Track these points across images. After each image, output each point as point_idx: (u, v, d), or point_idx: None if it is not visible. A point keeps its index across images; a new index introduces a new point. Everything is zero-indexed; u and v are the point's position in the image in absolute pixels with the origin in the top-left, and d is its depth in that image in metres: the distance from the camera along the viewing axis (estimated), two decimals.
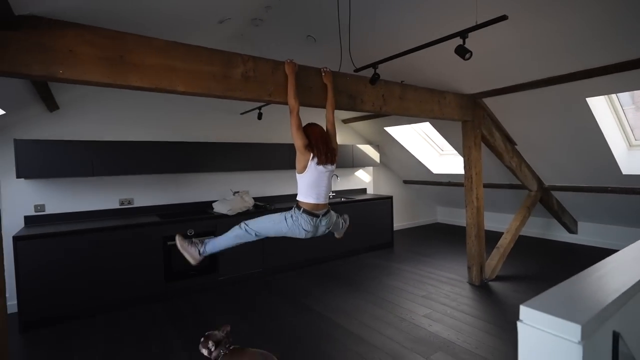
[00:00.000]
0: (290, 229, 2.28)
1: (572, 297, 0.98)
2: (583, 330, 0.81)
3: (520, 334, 0.93)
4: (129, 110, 4.02)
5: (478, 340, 2.65)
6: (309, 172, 2.22)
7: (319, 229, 2.33)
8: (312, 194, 2.23)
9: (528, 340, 0.93)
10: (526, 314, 0.94)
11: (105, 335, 2.90)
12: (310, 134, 2.30)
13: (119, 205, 3.96)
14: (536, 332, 0.91)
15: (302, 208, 2.24)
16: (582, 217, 5.19)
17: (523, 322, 0.93)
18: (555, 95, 3.34)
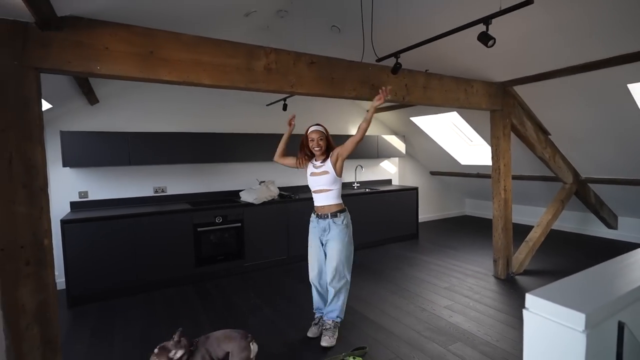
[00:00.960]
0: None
1: (581, 288, 0.97)
2: (587, 319, 0.82)
3: (526, 321, 0.95)
4: (162, 103, 4.23)
5: (499, 333, 2.62)
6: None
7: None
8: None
9: (533, 328, 0.94)
10: (532, 302, 0.95)
11: (142, 312, 3.13)
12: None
13: (154, 193, 4.20)
14: (541, 320, 0.92)
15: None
16: (622, 212, 4.90)
17: (529, 310, 0.95)
18: (593, 81, 3.16)
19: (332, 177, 2.50)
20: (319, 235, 2.57)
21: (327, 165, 2.52)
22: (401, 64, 2.54)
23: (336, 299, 2.53)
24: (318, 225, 2.57)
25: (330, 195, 2.53)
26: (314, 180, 2.56)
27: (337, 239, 2.49)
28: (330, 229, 2.51)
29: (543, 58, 3.09)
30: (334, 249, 2.48)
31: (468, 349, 2.41)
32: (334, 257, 2.48)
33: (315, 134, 2.52)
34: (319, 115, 5.38)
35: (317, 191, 2.56)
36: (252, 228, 4.13)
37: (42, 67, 1.71)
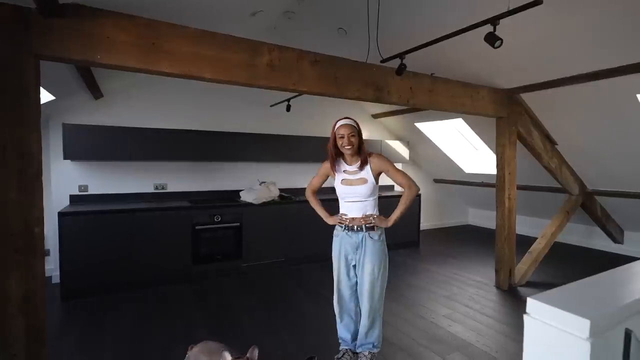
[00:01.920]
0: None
1: (585, 294, 0.92)
2: (592, 326, 0.77)
3: (527, 327, 0.90)
4: (166, 101, 4.23)
5: (499, 344, 2.54)
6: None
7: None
8: None
9: (534, 334, 0.89)
10: (533, 307, 0.89)
11: (136, 308, 3.09)
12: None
13: (154, 190, 4.18)
14: (543, 326, 0.87)
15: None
16: (629, 226, 4.79)
17: (530, 315, 0.89)
18: (602, 90, 3.10)
19: (371, 186, 2.09)
20: (349, 252, 2.14)
21: (365, 171, 2.11)
22: (406, 65, 2.50)
23: (374, 328, 2.15)
24: (348, 240, 2.13)
25: (367, 205, 2.11)
26: (348, 190, 2.12)
27: (375, 257, 2.07)
28: (365, 246, 2.08)
29: (552, 65, 3.04)
30: (370, 271, 2.07)
31: (466, 359, 2.33)
32: (370, 282, 2.07)
33: (345, 129, 2.06)
34: (322, 117, 5.36)
35: (351, 201, 2.12)
36: (250, 228, 4.09)
37: (42, 54, 1.69)
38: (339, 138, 2.10)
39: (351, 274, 2.18)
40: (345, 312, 2.22)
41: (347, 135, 2.06)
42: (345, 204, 2.18)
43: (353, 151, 2.10)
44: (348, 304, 2.21)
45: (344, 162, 2.19)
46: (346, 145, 2.07)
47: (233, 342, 2.51)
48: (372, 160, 2.13)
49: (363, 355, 2.16)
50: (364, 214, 2.11)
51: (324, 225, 4.49)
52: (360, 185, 2.10)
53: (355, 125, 2.10)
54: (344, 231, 2.16)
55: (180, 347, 2.42)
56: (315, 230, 4.49)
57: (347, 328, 2.24)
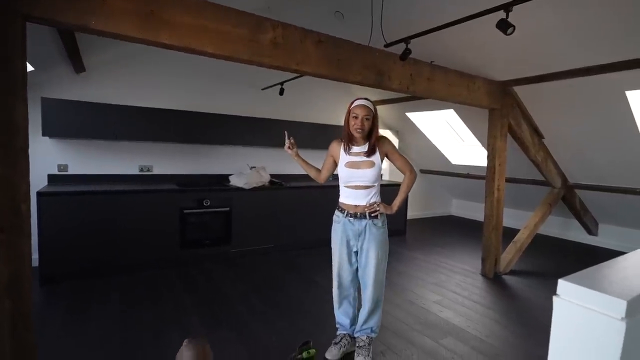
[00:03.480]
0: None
1: (620, 275, 0.92)
2: (629, 306, 0.77)
3: (556, 309, 0.89)
4: (152, 78, 4.03)
5: (488, 329, 2.61)
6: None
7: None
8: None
9: (564, 316, 0.88)
10: (564, 288, 0.89)
11: (121, 294, 2.97)
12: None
13: (139, 172, 4.01)
14: (574, 307, 0.86)
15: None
16: (604, 219, 5.03)
17: (560, 296, 0.89)
18: (592, 86, 3.19)
19: (378, 170, 2.04)
20: (350, 239, 2.09)
21: (375, 156, 2.03)
22: (411, 50, 2.47)
23: (374, 314, 2.14)
24: (350, 227, 2.07)
25: (372, 192, 2.05)
26: (354, 174, 2.03)
27: (378, 244, 2.04)
28: (369, 233, 2.04)
29: (546, 59, 3.09)
30: (375, 257, 2.04)
31: (459, 344, 2.39)
32: (375, 267, 2.05)
33: (361, 109, 1.96)
34: (315, 103, 5.29)
35: (355, 187, 2.05)
36: (240, 214, 4.01)
37: (31, 14, 1.54)
38: (352, 117, 2.01)
39: (352, 260, 2.14)
40: (345, 298, 2.20)
41: (361, 116, 1.97)
42: (347, 190, 2.09)
43: (363, 135, 2.03)
44: (348, 290, 2.19)
45: (351, 145, 2.09)
46: (358, 127, 1.98)
47: (226, 329, 2.47)
48: (381, 144, 2.07)
49: (361, 339, 2.15)
50: (368, 201, 2.05)
51: (313, 212, 4.51)
52: (367, 168, 2.03)
53: (372, 109, 2.01)
54: (346, 217, 2.09)
55: (172, 334, 2.36)
56: (305, 217, 4.47)
57: (345, 314, 2.22)
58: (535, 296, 3.27)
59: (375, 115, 2.03)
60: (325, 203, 4.62)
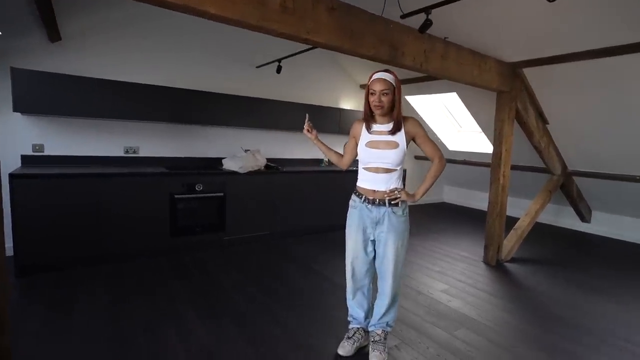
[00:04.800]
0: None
1: None
2: None
3: None
4: (139, 51, 3.68)
5: (499, 319, 2.52)
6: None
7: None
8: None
9: None
10: None
11: (108, 286, 2.73)
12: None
13: (124, 153, 3.71)
14: None
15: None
16: (597, 206, 5.05)
17: None
18: (604, 69, 3.08)
19: (402, 153, 1.82)
20: (367, 226, 1.91)
21: (399, 135, 1.82)
22: (432, 22, 2.26)
23: (392, 307, 2.00)
24: (368, 214, 1.89)
25: (393, 176, 1.85)
26: (374, 154, 1.84)
27: (397, 234, 1.85)
28: (387, 221, 1.85)
29: (562, 39, 2.94)
30: (393, 247, 1.86)
31: (473, 335, 2.29)
32: (394, 259, 1.88)
33: (379, 84, 1.76)
34: (311, 84, 5.04)
35: (375, 169, 1.86)
36: (235, 199, 3.78)
37: None
38: (370, 94, 1.82)
39: (368, 250, 1.96)
40: (359, 290, 2.04)
41: (378, 92, 1.78)
42: (366, 173, 1.90)
43: (383, 112, 1.82)
44: (362, 281, 2.02)
45: (373, 123, 1.89)
46: (376, 103, 1.80)
47: (226, 321, 2.29)
48: (408, 124, 1.86)
49: (376, 333, 2.00)
50: (388, 187, 1.86)
51: (311, 198, 4.32)
52: (390, 149, 1.82)
53: (392, 82, 1.79)
54: (363, 203, 1.90)
55: (167, 329, 2.16)
56: (302, 204, 4.29)
57: (359, 306, 2.06)
58: (539, 283, 3.22)
59: (396, 88, 1.81)
60: (323, 189, 4.44)
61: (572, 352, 2.16)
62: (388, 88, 1.78)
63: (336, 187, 4.51)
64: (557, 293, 3.03)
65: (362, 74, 5.28)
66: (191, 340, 2.06)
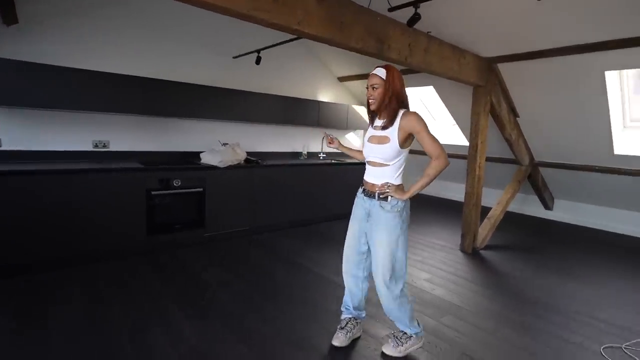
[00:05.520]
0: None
1: None
2: None
3: None
4: (107, 37, 3.44)
5: (481, 305, 2.65)
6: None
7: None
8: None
9: None
10: None
11: (83, 289, 2.57)
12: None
13: (93, 148, 3.47)
14: None
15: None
16: (559, 195, 5.40)
17: None
18: (574, 65, 3.26)
19: (392, 148, 1.79)
20: (361, 217, 1.94)
21: (391, 130, 1.79)
22: (420, 16, 2.28)
23: (397, 310, 1.92)
24: (362, 205, 1.93)
25: (386, 172, 1.84)
26: (369, 149, 1.89)
27: (385, 229, 1.83)
28: (375, 214, 1.86)
29: (535, 36, 3.09)
30: (379, 241, 1.85)
31: (458, 321, 2.38)
32: (379, 253, 1.86)
33: (370, 79, 1.80)
34: (290, 76, 4.97)
35: (372, 163, 1.90)
36: (214, 194, 3.67)
37: None
38: (368, 89, 1.84)
39: (361, 240, 1.97)
40: (350, 277, 2.05)
41: (370, 86, 1.81)
42: (367, 166, 1.95)
43: (376, 106, 1.82)
44: (353, 270, 2.03)
45: (376, 119, 1.91)
46: (369, 98, 1.82)
47: (214, 320, 2.23)
48: (403, 119, 1.78)
49: (396, 328, 2.03)
50: (381, 181, 1.85)
51: (291, 191, 4.28)
52: (381, 144, 1.81)
53: (383, 76, 1.78)
54: (362, 194, 1.96)
55: (153, 330, 2.08)
56: (283, 197, 4.25)
57: (349, 293, 2.08)
58: (513, 269, 3.41)
59: (386, 82, 1.77)
60: (304, 182, 4.42)
61: (546, 330, 2.32)
62: (377, 82, 1.79)
63: (317, 180, 4.51)
64: (529, 277, 3.22)
65: (340, 67, 5.26)
66: (181, 342, 1.99)
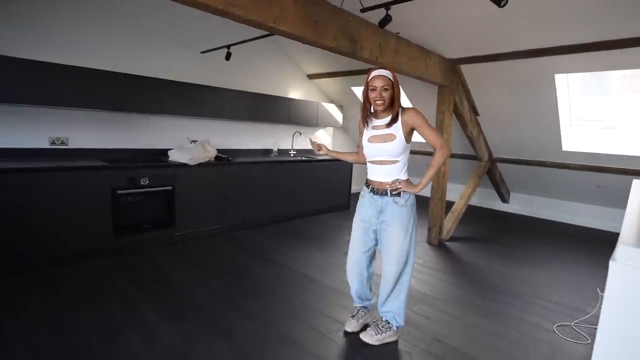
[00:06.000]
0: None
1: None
2: None
3: (612, 273, 0.92)
4: (63, 27, 3.23)
5: (449, 293, 2.82)
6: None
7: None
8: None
9: (621, 278, 0.91)
10: (623, 253, 0.93)
11: (45, 295, 2.42)
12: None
13: (49, 145, 3.26)
14: (633, 269, 0.90)
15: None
16: (515, 188, 5.80)
17: (617, 260, 0.92)
18: (528, 68, 3.51)
19: (400, 144, 1.87)
20: (371, 215, 2.00)
21: (395, 127, 1.87)
22: (391, 17, 2.36)
23: (395, 296, 2.06)
24: (372, 203, 1.98)
25: (395, 168, 1.92)
26: (375, 149, 1.94)
27: (398, 222, 1.92)
28: (389, 210, 1.93)
29: (495, 40, 3.29)
30: (394, 236, 1.93)
31: (430, 310, 2.52)
32: (395, 246, 1.94)
33: (378, 80, 1.83)
34: (260, 73, 4.93)
35: (378, 162, 1.95)
36: (184, 193, 3.58)
37: None
38: (370, 90, 1.88)
39: (369, 237, 2.05)
40: (356, 278, 2.12)
41: (379, 88, 1.84)
42: (372, 166, 2.00)
43: (384, 107, 1.88)
44: (359, 267, 2.10)
45: (374, 117, 1.98)
46: (378, 100, 1.86)
47: (193, 320, 2.20)
48: (405, 115, 1.88)
49: (380, 319, 2.12)
50: (392, 178, 1.93)
51: (263, 188, 4.27)
52: (387, 142, 1.89)
53: (391, 78, 1.85)
54: (370, 193, 2.00)
55: (129, 334, 2.02)
56: (255, 195, 4.22)
57: (355, 291, 2.17)
58: (477, 259, 3.64)
59: (394, 83, 1.88)
60: (276, 179, 4.42)
61: (507, 313, 2.51)
62: (387, 84, 1.85)
63: (288, 177, 4.52)
64: (490, 265, 3.45)
65: (310, 65, 5.29)
66: (160, 345, 1.95)
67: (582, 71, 3.45)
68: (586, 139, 4.18)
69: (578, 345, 2.17)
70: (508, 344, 2.15)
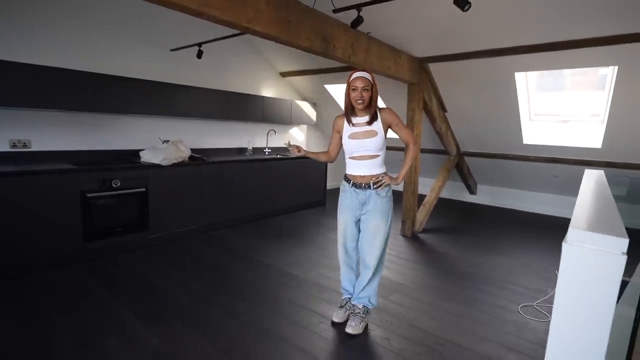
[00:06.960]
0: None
1: (610, 221, 1.12)
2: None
3: (565, 254, 1.03)
4: (24, 24, 3.07)
5: (422, 281, 2.96)
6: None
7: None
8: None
9: (573, 258, 1.03)
10: (574, 235, 1.04)
11: (11, 305, 2.32)
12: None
13: (10, 148, 3.10)
14: (583, 250, 1.02)
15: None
16: (481, 180, 6.11)
17: (569, 242, 1.04)
18: (490, 66, 3.72)
19: (380, 140, 2.05)
20: (354, 208, 2.13)
21: (376, 124, 2.04)
22: (363, 18, 2.44)
23: (371, 283, 2.20)
24: (355, 197, 2.11)
25: (376, 162, 2.07)
26: (357, 144, 2.06)
27: (380, 213, 2.08)
28: (371, 202, 2.08)
29: (460, 40, 3.46)
30: (376, 225, 2.09)
31: (405, 298, 2.64)
32: (376, 235, 2.10)
33: (359, 81, 1.99)
34: (232, 71, 4.88)
35: (359, 157, 2.08)
36: (158, 194, 3.51)
37: None
38: (351, 90, 2.03)
39: (355, 230, 2.20)
40: (348, 265, 2.28)
41: (360, 88, 1.99)
42: (352, 162, 2.12)
43: (364, 106, 2.03)
44: (351, 257, 2.26)
45: (353, 117, 2.11)
46: (358, 99, 2.01)
47: (175, 322, 2.19)
48: (383, 114, 2.08)
49: (357, 307, 2.22)
50: (372, 172, 2.08)
51: (239, 187, 4.25)
52: (369, 138, 2.04)
53: (370, 80, 2.02)
54: (352, 187, 2.13)
55: (108, 339, 1.99)
56: (230, 194, 4.20)
57: (348, 280, 2.31)
58: (448, 248, 3.82)
59: (373, 85, 2.04)
60: (251, 177, 4.42)
61: (477, 298, 2.68)
62: (367, 85, 2.00)
63: (263, 175, 4.53)
64: (461, 254, 3.65)
65: (282, 63, 5.30)
66: (141, 347, 1.93)
67: (540, 69, 3.70)
68: (544, 133, 4.48)
69: (540, 322, 2.37)
70: (478, 325, 2.31)
